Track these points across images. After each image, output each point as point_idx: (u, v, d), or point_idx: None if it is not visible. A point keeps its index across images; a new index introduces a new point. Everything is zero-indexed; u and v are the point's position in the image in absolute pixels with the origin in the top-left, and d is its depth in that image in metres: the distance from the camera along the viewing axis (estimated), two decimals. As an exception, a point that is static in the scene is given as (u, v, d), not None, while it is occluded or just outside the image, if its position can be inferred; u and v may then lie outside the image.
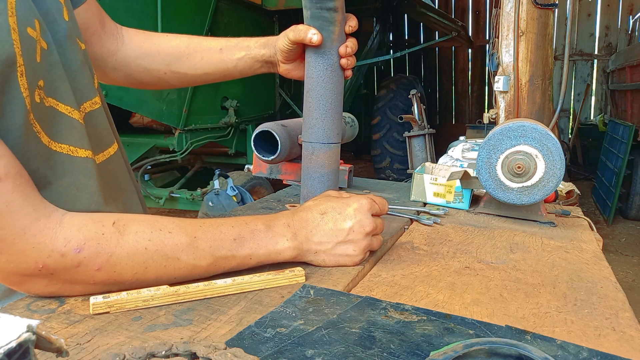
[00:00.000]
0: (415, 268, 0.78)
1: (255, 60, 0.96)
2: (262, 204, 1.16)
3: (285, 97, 5.23)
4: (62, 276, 0.60)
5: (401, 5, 6.54)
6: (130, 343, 0.54)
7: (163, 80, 0.98)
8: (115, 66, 0.95)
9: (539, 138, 0.97)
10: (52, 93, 0.64)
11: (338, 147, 0.95)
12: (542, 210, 1.08)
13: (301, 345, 0.52)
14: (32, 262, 0.57)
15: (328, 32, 0.86)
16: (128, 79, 0.97)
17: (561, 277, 0.76)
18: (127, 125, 4.48)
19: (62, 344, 0.32)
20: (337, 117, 0.92)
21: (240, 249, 0.69)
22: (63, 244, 0.58)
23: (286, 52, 0.92)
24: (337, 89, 0.91)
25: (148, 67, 0.96)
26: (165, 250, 0.64)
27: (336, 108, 0.92)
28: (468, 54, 8.48)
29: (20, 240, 0.56)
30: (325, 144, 0.92)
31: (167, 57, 0.96)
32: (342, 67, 0.90)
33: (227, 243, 0.68)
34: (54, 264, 0.58)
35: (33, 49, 0.60)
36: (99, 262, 0.60)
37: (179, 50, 0.96)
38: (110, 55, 0.93)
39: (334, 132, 0.93)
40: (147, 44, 0.96)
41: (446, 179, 1.14)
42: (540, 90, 1.64)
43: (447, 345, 0.51)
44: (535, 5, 1.58)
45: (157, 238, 0.64)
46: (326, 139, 0.92)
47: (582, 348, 0.52)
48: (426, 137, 4.61)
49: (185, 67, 0.97)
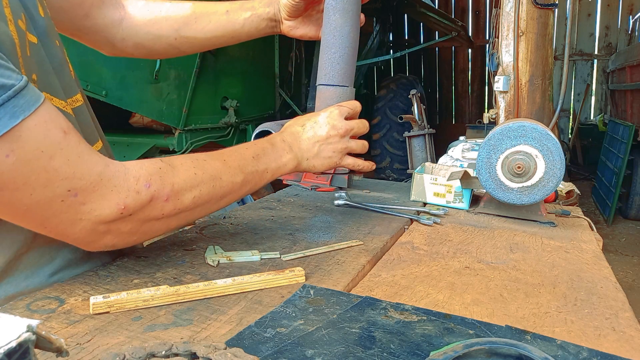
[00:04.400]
0: (415, 268, 0.78)
1: (261, 18, 0.96)
2: (262, 204, 1.16)
3: (285, 97, 5.22)
4: (140, 215, 0.63)
5: (401, 5, 6.53)
6: (130, 343, 0.54)
7: (173, 47, 0.98)
8: (123, 36, 0.94)
9: (539, 138, 0.97)
10: (45, 87, 0.65)
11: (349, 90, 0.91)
12: (542, 210, 1.08)
13: (301, 345, 0.52)
14: (114, 204, 0.60)
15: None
16: (138, 48, 0.96)
17: (561, 277, 0.76)
18: (127, 125, 4.48)
19: (62, 344, 0.32)
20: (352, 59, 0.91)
21: (259, 165, 0.78)
22: (135, 182, 0.62)
23: (291, 9, 0.93)
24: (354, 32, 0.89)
25: (157, 33, 0.95)
26: (210, 172, 0.71)
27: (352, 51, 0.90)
28: (468, 54, 8.47)
29: (100, 186, 0.59)
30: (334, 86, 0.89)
31: (175, 22, 0.95)
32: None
33: (249, 160, 0.77)
34: (133, 202, 0.61)
35: (24, 42, 0.60)
36: (166, 192, 0.65)
37: (186, 15, 0.96)
38: (115, 26, 0.93)
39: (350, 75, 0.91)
40: (151, 11, 0.95)
41: (446, 179, 1.14)
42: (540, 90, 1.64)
43: (447, 345, 0.51)
44: (535, 5, 1.58)
45: (199, 165, 0.70)
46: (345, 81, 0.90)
47: (582, 348, 0.52)
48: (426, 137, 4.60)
49: (193, 31, 0.96)
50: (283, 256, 0.81)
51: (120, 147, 3.64)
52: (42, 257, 0.70)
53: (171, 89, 3.63)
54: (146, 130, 4.32)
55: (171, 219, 0.67)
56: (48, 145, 0.54)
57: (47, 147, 0.54)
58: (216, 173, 0.72)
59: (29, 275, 0.69)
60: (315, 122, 0.85)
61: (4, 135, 0.50)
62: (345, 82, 0.89)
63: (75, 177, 0.57)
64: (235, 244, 0.87)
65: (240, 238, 0.91)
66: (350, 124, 0.86)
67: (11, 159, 0.51)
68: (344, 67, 0.89)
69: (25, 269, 0.69)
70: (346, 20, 0.88)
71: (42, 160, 0.54)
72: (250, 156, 0.77)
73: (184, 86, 3.73)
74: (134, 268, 0.75)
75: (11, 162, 0.52)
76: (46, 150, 0.54)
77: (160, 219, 0.66)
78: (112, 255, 0.80)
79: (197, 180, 0.69)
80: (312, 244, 0.88)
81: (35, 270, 0.69)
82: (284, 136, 0.84)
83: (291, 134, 0.85)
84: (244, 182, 0.75)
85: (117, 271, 0.74)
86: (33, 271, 0.69)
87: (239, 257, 0.79)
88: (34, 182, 0.54)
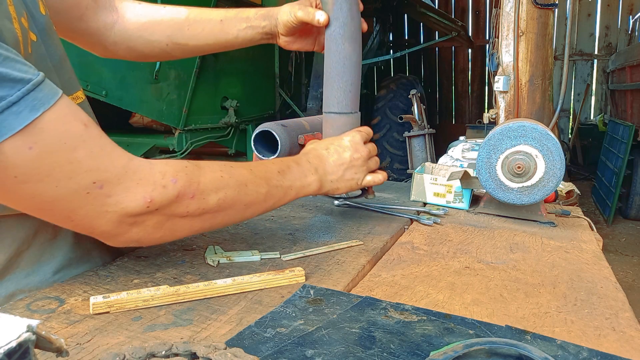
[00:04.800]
0: (415, 268, 0.78)
1: (256, 31, 0.97)
2: (262, 204, 1.16)
3: (285, 97, 5.22)
4: (165, 211, 0.63)
5: (401, 5, 6.53)
6: (130, 343, 0.54)
7: (165, 52, 0.98)
8: (116, 40, 0.94)
9: (539, 138, 0.97)
10: None
11: (358, 115, 0.96)
12: (542, 210, 1.08)
13: (301, 345, 0.52)
14: (140, 197, 0.60)
15: (324, 2, 0.90)
16: (130, 52, 0.97)
17: (561, 277, 0.76)
18: (127, 125, 4.48)
19: (62, 344, 0.32)
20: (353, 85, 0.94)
21: (284, 180, 0.78)
22: (161, 177, 0.61)
23: (290, 28, 0.94)
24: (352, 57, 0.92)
25: (149, 38, 0.96)
26: (237, 178, 0.71)
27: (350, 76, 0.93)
28: (468, 54, 8.47)
29: (125, 178, 0.59)
30: (347, 114, 0.93)
31: (167, 28, 0.96)
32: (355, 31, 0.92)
33: (275, 174, 0.77)
34: (159, 196, 0.61)
35: (26, 40, 0.61)
36: (192, 189, 0.64)
37: (179, 21, 0.96)
38: (108, 29, 0.93)
39: (358, 100, 0.95)
40: (145, 15, 0.95)
41: (446, 179, 1.14)
42: (540, 90, 1.64)
43: (447, 345, 0.51)
44: (535, 5, 1.58)
45: (225, 169, 0.70)
46: (355, 107, 0.94)
47: (582, 348, 0.52)
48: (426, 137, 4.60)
49: (186, 38, 0.97)
50: (283, 256, 0.81)
51: (121, 147, 3.64)
52: (43, 255, 0.70)
53: (171, 89, 3.63)
54: (146, 130, 4.32)
55: (195, 219, 0.67)
56: (70, 137, 0.54)
57: (69, 139, 0.54)
58: (243, 179, 0.71)
59: (29, 273, 0.69)
60: (339, 145, 0.88)
61: (26, 128, 0.50)
62: (355, 108, 0.95)
63: (100, 169, 0.57)
64: (235, 244, 0.87)
65: (240, 238, 0.91)
66: (369, 147, 0.90)
67: (34, 151, 0.52)
68: (355, 94, 0.94)
69: (27, 266, 0.69)
70: (354, 48, 0.91)
71: (65, 152, 0.54)
72: (276, 170, 0.78)
73: (184, 86, 3.73)
74: (134, 268, 0.75)
75: (35, 154, 0.52)
76: (69, 142, 0.54)
77: (185, 217, 0.65)
78: (113, 255, 0.80)
79: (224, 182, 0.68)
80: (312, 244, 0.88)
81: (36, 268, 0.70)
82: (309, 157, 0.85)
83: (317, 157, 0.86)
84: (268, 194, 0.75)
85: (117, 271, 0.74)
86: (34, 269, 0.69)
87: (239, 257, 0.79)
88: (58, 174, 0.54)
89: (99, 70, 3.04)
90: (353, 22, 0.90)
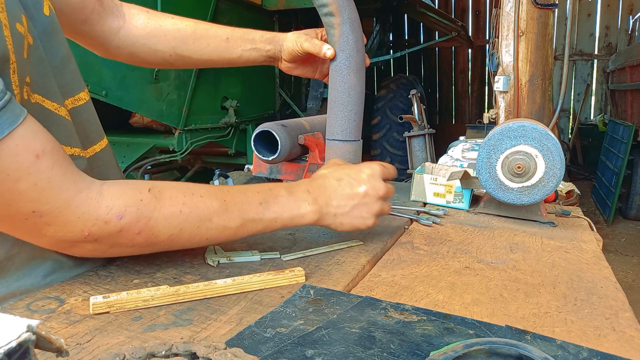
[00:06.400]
0: (415, 268, 0.78)
1: (259, 53, 0.98)
2: (262, 204, 1.16)
3: (285, 97, 5.22)
4: (106, 241, 0.63)
5: (401, 5, 6.53)
6: (130, 343, 0.54)
7: (167, 62, 0.99)
8: (119, 44, 0.94)
9: (539, 138, 0.97)
10: (38, 89, 0.65)
11: (360, 143, 0.98)
12: (542, 210, 1.08)
13: (301, 345, 0.52)
14: (78, 231, 0.60)
15: (330, 35, 0.91)
16: (132, 57, 0.97)
17: (561, 277, 0.76)
18: (127, 125, 4.48)
19: (62, 344, 0.32)
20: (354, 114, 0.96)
21: (266, 213, 0.73)
22: (106, 212, 0.60)
23: (294, 56, 0.95)
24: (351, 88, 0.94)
25: (154, 47, 0.96)
26: (199, 213, 0.67)
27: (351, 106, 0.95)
28: (468, 54, 8.47)
29: (66, 212, 0.58)
30: (350, 142, 0.95)
31: (173, 40, 0.96)
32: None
33: (254, 207, 0.72)
34: (98, 231, 0.61)
35: (21, 45, 0.60)
36: (139, 226, 0.63)
37: (185, 34, 0.96)
38: (112, 34, 0.93)
39: (360, 127, 0.97)
40: (152, 24, 0.96)
41: (446, 179, 1.14)
42: (540, 90, 1.64)
43: (447, 345, 0.51)
44: (535, 5, 1.58)
45: (190, 202, 0.67)
46: (359, 135, 0.96)
47: (582, 348, 0.52)
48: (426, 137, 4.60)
49: (190, 51, 0.97)
50: (283, 256, 0.81)
51: (120, 147, 3.64)
52: (34, 259, 0.69)
53: (171, 89, 3.63)
54: (146, 131, 4.32)
55: (144, 247, 0.66)
56: (15, 169, 0.54)
57: (14, 171, 0.54)
58: (207, 214, 0.67)
59: (20, 277, 0.68)
60: (355, 178, 0.79)
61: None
62: (358, 137, 0.96)
63: (41, 202, 0.56)
64: (235, 244, 0.87)
65: (240, 238, 0.90)
66: (389, 186, 0.82)
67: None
68: (358, 123, 0.95)
69: (17, 270, 0.68)
70: (359, 79, 0.93)
71: (7, 182, 0.54)
72: (257, 202, 0.72)
73: (184, 86, 3.73)
74: (134, 268, 0.75)
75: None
76: (12, 174, 0.54)
77: (131, 247, 0.65)
78: (107, 259, 0.79)
79: (181, 218, 0.65)
80: (312, 244, 0.88)
81: (27, 271, 0.69)
82: (310, 187, 0.78)
83: (321, 187, 0.78)
84: (241, 228, 0.71)
85: (117, 271, 0.74)
86: (25, 272, 0.69)
87: (239, 257, 0.79)
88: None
89: (99, 70, 3.04)
90: (358, 55, 0.92)
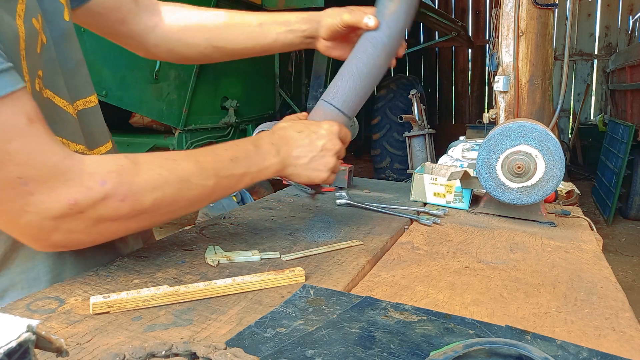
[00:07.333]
0: (415, 268, 0.78)
1: (295, 35, 0.96)
2: (262, 204, 1.16)
3: (285, 97, 5.23)
4: (91, 214, 0.60)
5: (401, 5, 6.52)
6: (130, 343, 0.54)
7: (204, 55, 0.99)
8: (157, 42, 0.95)
9: (539, 138, 0.97)
10: (50, 85, 0.67)
11: (350, 122, 0.92)
12: (542, 210, 1.08)
13: (301, 345, 0.52)
14: (63, 199, 0.58)
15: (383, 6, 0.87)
16: (170, 54, 0.98)
17: (561, 277, 0.76)
18: (127, 125, 4.48)
19: (62, 344, 0.32)
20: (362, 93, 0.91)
21: (237, 168, 0.74)
22: (89, 178, 0.60)
23: (333, 32, 0.92)
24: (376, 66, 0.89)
25: (189, 41, 0.97)
26: (177, 174, 0.67)
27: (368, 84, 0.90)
28: (468, 54, 8.47)
29: (52, 178, 0.58)
30: (343, 114, 0.89)
31: (206, 31, 0.96)
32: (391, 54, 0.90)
33: (226, 163, 0.73)
34: (83, 199, 0.59)
35: (35, 39, 0.62)
36: (122, 191, 0.62)
37: (217, 25, 0.96)
38: (149, 32, 0.94)
39: (357, 109, 0.91)
40: (185, 19, 0.96)
41: (446, 179, 1.14)
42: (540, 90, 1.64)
43: (447, 345, 0.51)
44: (535, 5, 1.58)
45: (167, 165, 0.67)
46: (353, 113, 0.90)
47: (582, 348, 0.52)
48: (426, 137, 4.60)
49: (224, 42, 0.97)
50: (283, 256, 0.81)
51: (121, 147, 3.63)
52: (38, 253, 0.70)
53: (171, 89, 3.63)
54: (146, 130, 4.33)
55: (129, 220, 0.65)
56: (8, 129, 0.54)
57: (7, 130, 0.54)
58: (185, 174, 0.68)
59: (24, 270, 0.69)
60: (314, 132, 0.82)
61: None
62: (353, 114, 0.90)
63: (29, 165, 0.56)
64: (235, 244, 0.87)
65: (240, 238, 0.91)
66: (342, 145, 0.85)
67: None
68: (361, 101, 0.90)
69: (22, 263, 0.69)
70: (386, 63, 0.88)
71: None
72: (228, 158, 0.74)
73: (184, 86, 3.73)
74: (134, 268, 0.75)
75: None
76: (4, 134, 0.54)
77: (117, 220, 0.63)
78: (113, 255, 0.80)
79: (161, 181, 0.65)
80: (312, 244, 0.88)
81: (31, 266, 0.70)
82: (273, 139, 0.80)
83: (283, 138, 0.81)
84: (217, 186, 0.72)
85: (117, 271, 0.74)
86: (29, 266, 0.70)
87: (239, 257, 0.79)
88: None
89: (99, 70, 3.05)
90: (398, 39, 0.88)
